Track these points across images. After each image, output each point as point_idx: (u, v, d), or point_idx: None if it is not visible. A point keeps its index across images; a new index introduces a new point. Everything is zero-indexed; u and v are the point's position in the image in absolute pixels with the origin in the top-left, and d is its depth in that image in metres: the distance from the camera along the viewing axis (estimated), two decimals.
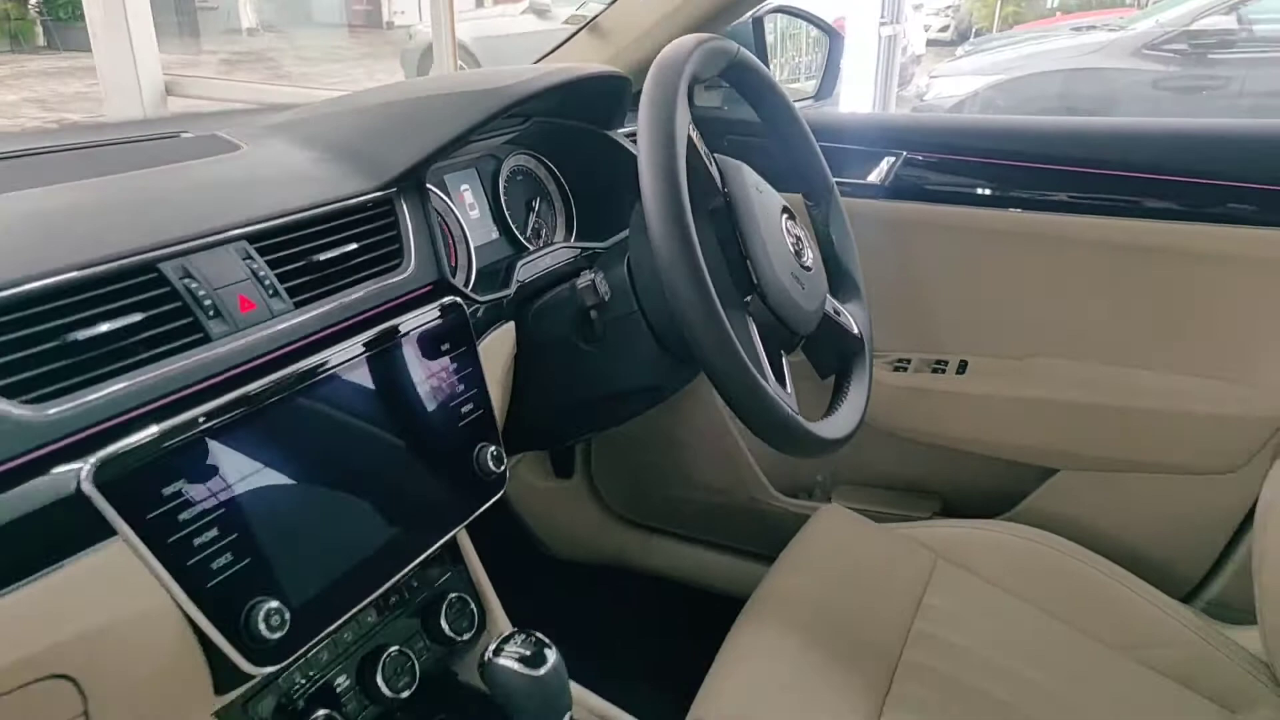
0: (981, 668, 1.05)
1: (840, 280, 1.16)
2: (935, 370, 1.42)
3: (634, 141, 1.27)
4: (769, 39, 1.53)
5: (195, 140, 0.98)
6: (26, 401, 0.59)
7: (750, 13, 1.39)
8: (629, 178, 1.21)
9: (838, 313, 1.11)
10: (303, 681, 0.80)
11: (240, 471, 0.67)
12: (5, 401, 0.58)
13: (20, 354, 0.61)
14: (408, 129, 0.98)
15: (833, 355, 1.12)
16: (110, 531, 0.60)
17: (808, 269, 1.01)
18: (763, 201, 0.99)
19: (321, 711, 0.78)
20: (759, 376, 0.86)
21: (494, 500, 0.88)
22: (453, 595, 0.93)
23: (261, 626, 0.65)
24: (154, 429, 0.64)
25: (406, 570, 0.80)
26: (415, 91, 1.05)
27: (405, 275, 0.90)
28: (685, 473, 1.66)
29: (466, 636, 0.92)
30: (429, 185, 0.99)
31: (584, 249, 1.21)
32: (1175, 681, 1.08)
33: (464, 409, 0.88)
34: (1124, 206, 1.26)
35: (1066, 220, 1.29)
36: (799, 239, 1.02)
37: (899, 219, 1.37)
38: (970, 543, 1.24)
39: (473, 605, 0.93)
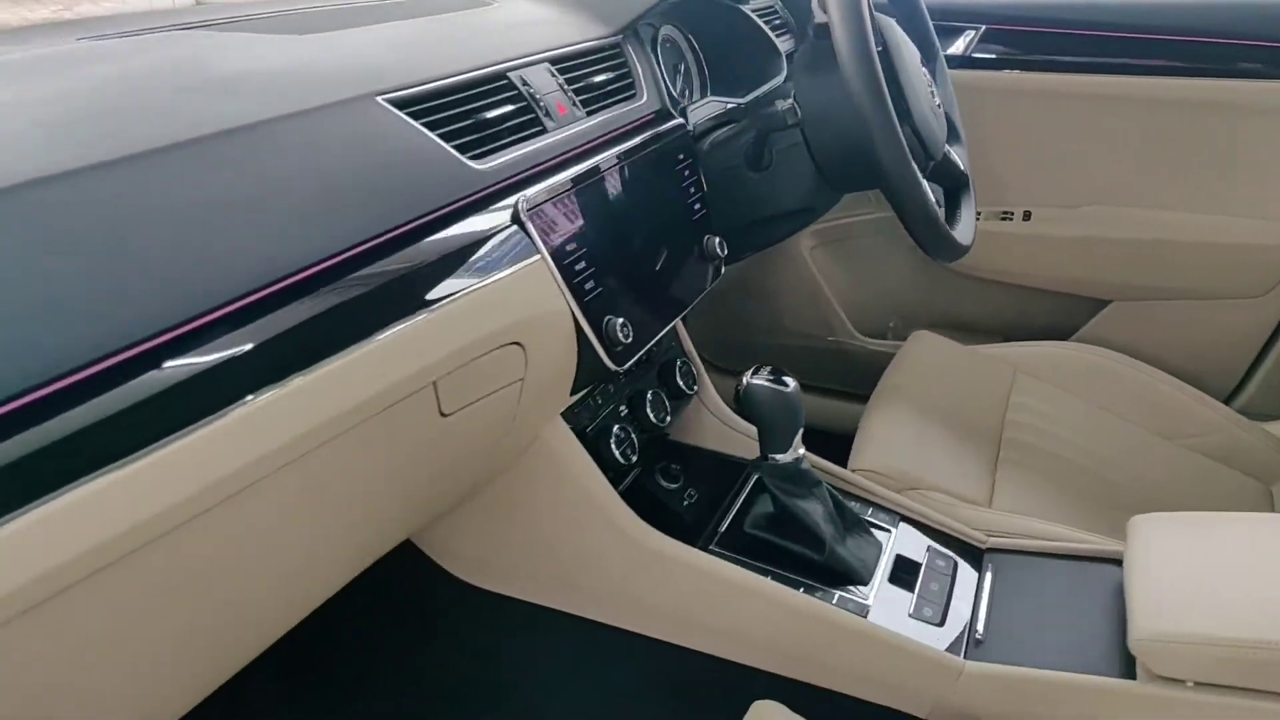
0: (1064, 443, 1.33)
1: (953, 129, 1.40)
2: (1003, 219, 1.68)
3: (761, 12, 1.49)
4: None
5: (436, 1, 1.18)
6: (473, 157, 0.82)
7: None
8: (755, 44, 1.44)
9: (950, 153, 1.36)
10: (598, 404, 1.05)
11: (588, 224, 0.91)
12: (462, 156, 0.81)
13: (461, 124, 0.83)
14: None
15: (945, 183, 1.37)
16: (533, 251, 0.83)
17: (937, 106, 1.26)
18: (910, 50, 1.23)
19: (616, 426, 1.03)
20: (925, 185, 1.12)
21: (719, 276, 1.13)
22: (680, 360, 1.18)
23: (619, 334, 0.90)
24: (543, 185, 0.87)
25: (685, 310, 1.05)
26: None
27: (642, 102, 1.13)
28: (774, 319, 1.91)
29: (695, 389, 1.18)
30: None
31: (725, 102, 1.43)
32: (1217, 461, 1.37)
33: (695, 206, 1.12)
34: (1169, 68, 1.51)
35: (1119, 81, 1.54)
36: (931, 83, 1.27)
37: (975, 86, 1.62)
38: (1042, 358, 1.51)
39: (691, 366, 1.19)
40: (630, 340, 0.91)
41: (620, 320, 0.90)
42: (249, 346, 0.58)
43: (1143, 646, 0.84)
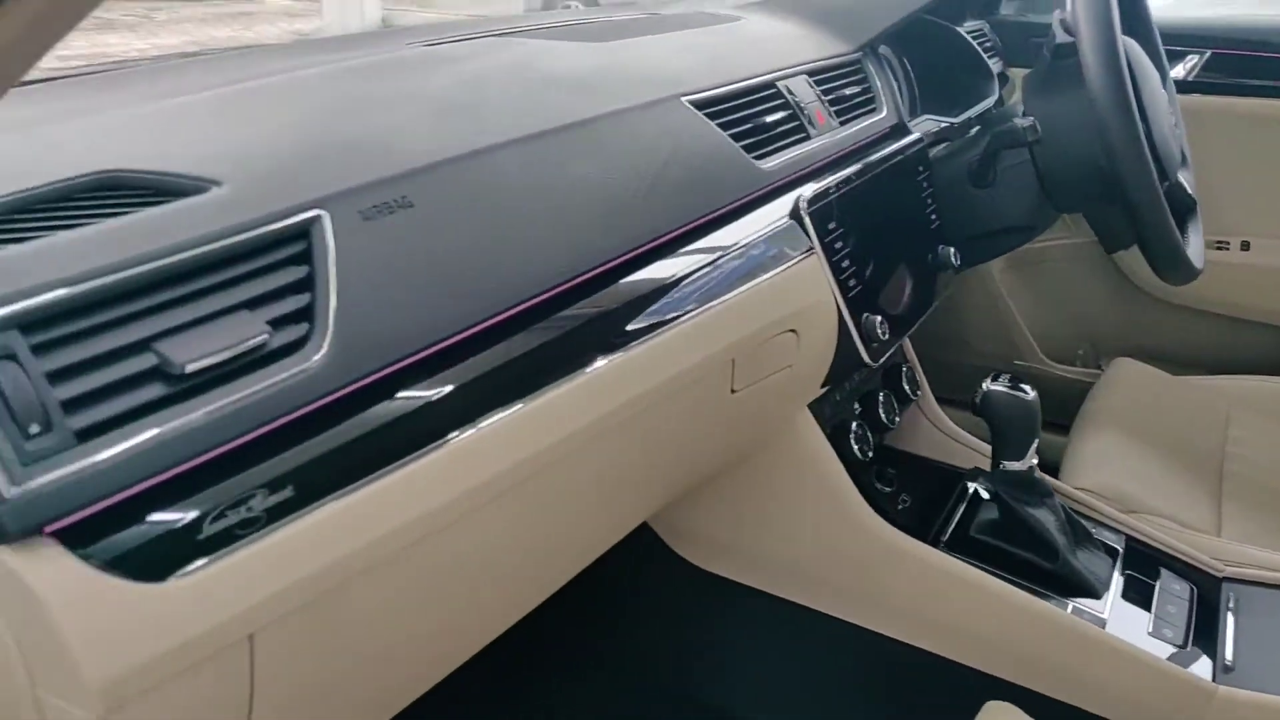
0: None
1: (1184, 154, 1.40)
2: (1218, 248, 1.65)
3: (971, 35, 1.51)
4: None
5: (690, 15, 1.26)
6: (756, 157, 0.88)
7: None
8: (968, 65, 1.46)
9: (1182, 178, 1.35)
10: (836, 401, 1.09)
11: (848, 225, 0.95)
12: (749, 157, 0.87)
13: (744, 127, 0.90)
14: (862, 12, 1.25)
15: (1175, 207, 1.36)
16: (808, 245, 0.89)
17: (1174, 127, 1.25)
18: (1152, 71, 1.24)
19: (854, 423, 1.07)
20: (1165, 203, 1.12)
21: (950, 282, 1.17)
22: (904, 365, 1.21)
23: (877, 330, 0.94)
24: (816, 185, 0.92)
25: (926, 314, 1.08)
26: None
27: (882, 116, 1.17)
28: (959, 339, 1.91)
29: (919, 393, 1.21)
30: None
31: (939, 120, 1.46)
32: None
33: (931, 216, 1.16)
34: None
35: None
36: (1170, 102, 1.27)
37: (1196, 110, 1.59)
38: (1263, 392, 1.47)
39: (915, 373, 1.22)
40: (886, 337, 0.95)
41: (879, 318, 0.95)
42: (592, 314, 0.65)
43: None
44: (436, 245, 0.58)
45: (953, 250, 1.16)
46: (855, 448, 1.05)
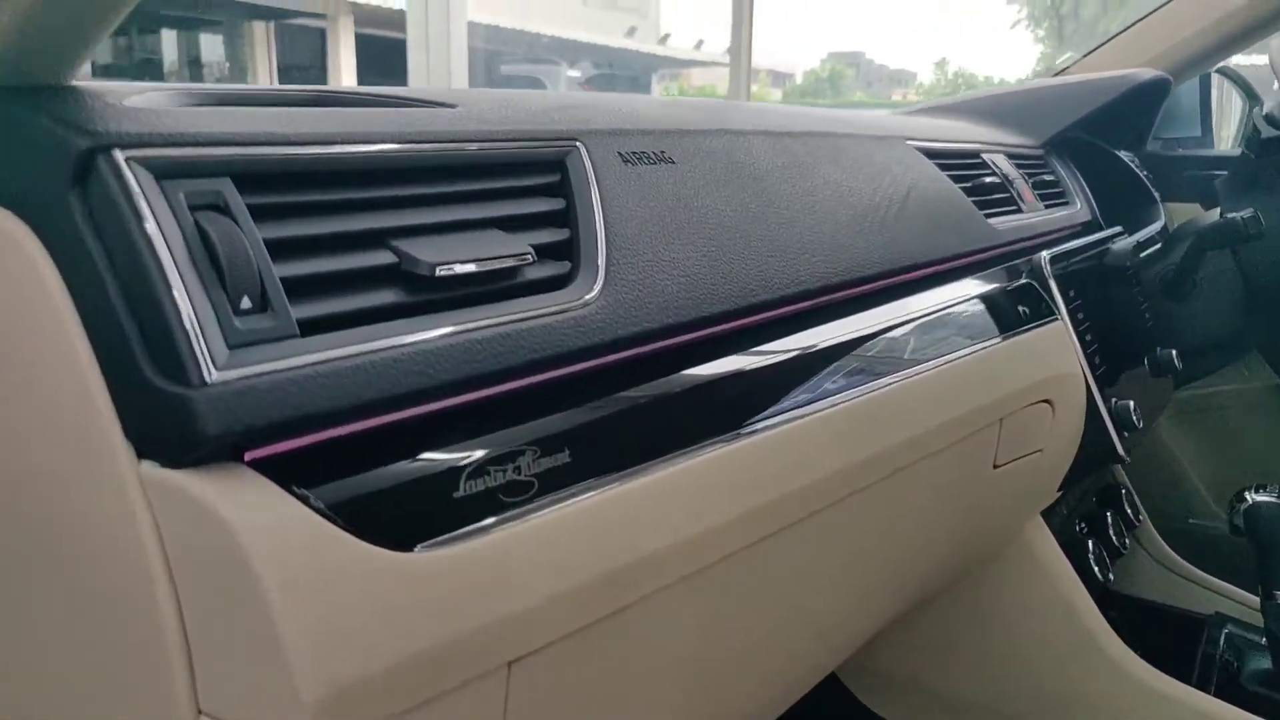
0: None
1: None
2: None
3: (1135, 163, 1.42)
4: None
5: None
6: (986, 216, 0.77)
7: None
8: (1131, 189, 1.36)
9: None
10: (1062, 515, 0.92)
11: (1080, 301, 0.82)
12: (980, 212, 0.76)
13: (966, 185, 0.79)
14: (1042, 110, 1.17)
15: None
16: (1053, 311, 0.75)
17: None
18: None
19: (1090, 540, 0.89)
20: None
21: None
22: (1123, 489, 1.04)
23: (1131, 416, 0.79)
24: (1048, 253, 0.80)
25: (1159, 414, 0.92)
26: (1029, 91, 1.24)
27: (1076, 209, 1.06)
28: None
29: (1140, 518, 1.03)
30: None
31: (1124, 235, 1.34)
32: None
33: (1146, 315, 1.02)
34: None
35: None
36: None
37: None
38: None
39: (1134, 497, 1.04)
40: (1140, 426, 0.79)
41: (1131, 403, 0.79)
42: (854, 331, 0.52)
43: None
44: (700, 205, 0.46)
45: (1174, 352, 1.01)
46: (1095, 568, 0.86)
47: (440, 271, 0.32)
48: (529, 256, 0.35)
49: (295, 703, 0.24)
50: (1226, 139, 1.80)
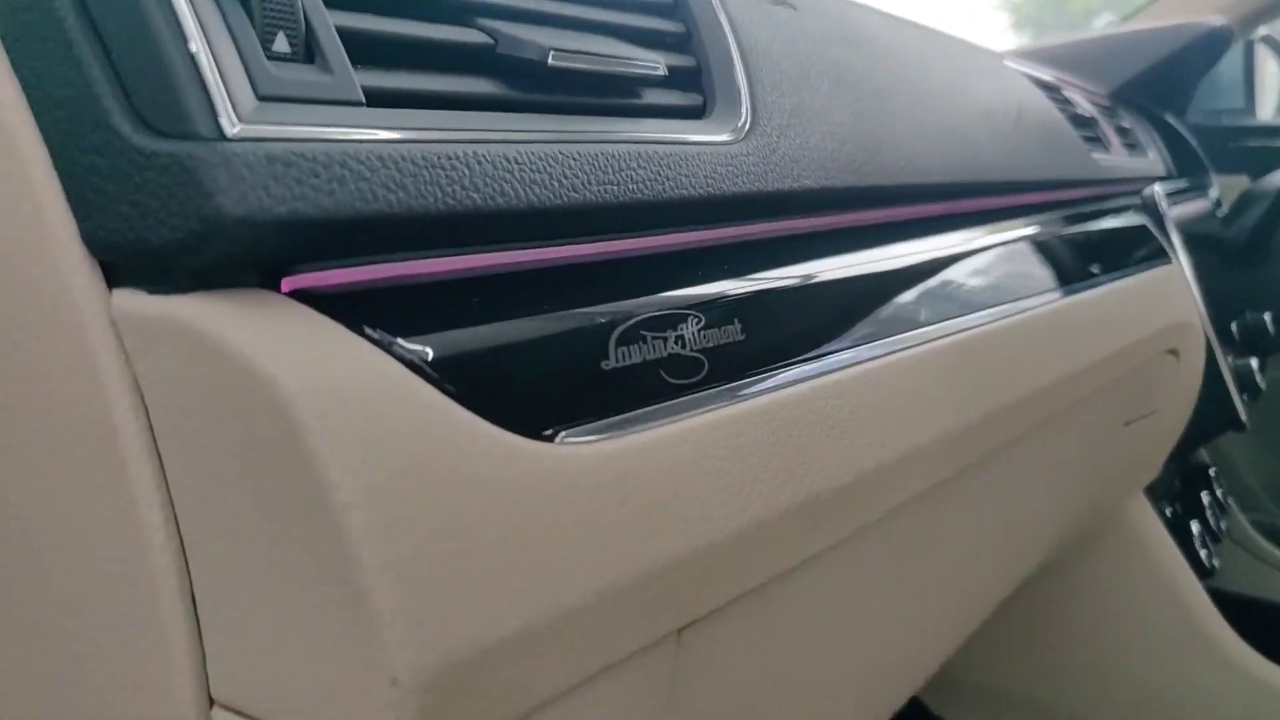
0: None
1: None
2: None
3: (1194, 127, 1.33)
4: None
5: None
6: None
7: None
8: (1182, 154, 1.27)
9: None
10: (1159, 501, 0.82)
11: (1191, 244, 0.73)
12: (1084, 143, 0.67)
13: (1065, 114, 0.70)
14: (1108, 59, 1.08)
15: None
16: (1168, 253, 0.66)
17: None
18: None
19: (1194, 522, 0.80)
20: None
21: None
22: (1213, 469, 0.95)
23: (1255, 375, 0.69)
24: (1159, 187, 0.71)
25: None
26: (1091, 40, 1.16)
27: (1151, 159, 0.97)
28: None
29: (1230, 500, 0.94)
30: None
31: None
32: None
33: (1238, 274, 0.93)
34: None
35: None
36: None
37: None
38: None
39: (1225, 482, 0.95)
40: (1263, 389, 0.70)
41: (1254, 362, 0.70)
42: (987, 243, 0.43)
43: None
44: (834, 58, 0.37)
45: (1268, 316, 0.92)
46: (1201, 553, 0.77)
47: (554, 61, 0.21)
48: (659, 67, 0.25)
49: (388, 686, 0.13)
50: (1269, 109, 1.71)
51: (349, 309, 0.16)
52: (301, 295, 0.16)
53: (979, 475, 0.43)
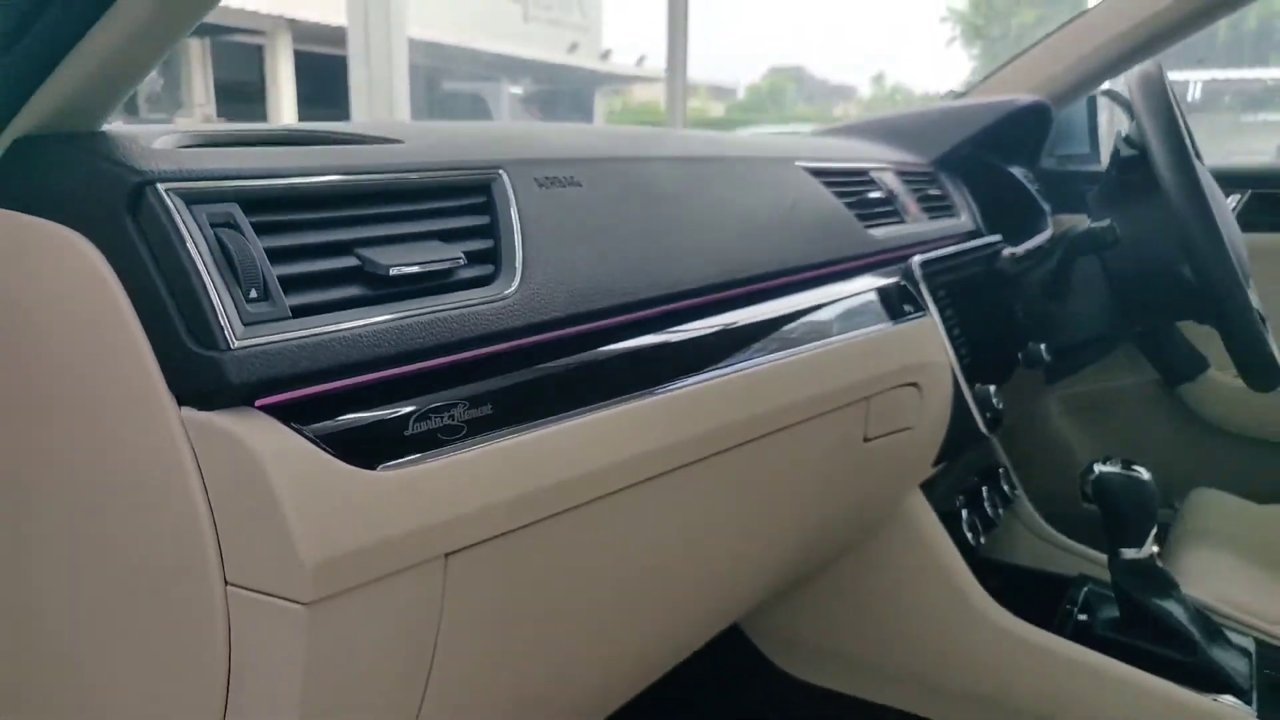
0: None
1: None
2: None
3: (1027, 180, 1.57)
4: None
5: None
6: (866, 226, 0.89)
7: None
8: (1021, 203, 1.51)
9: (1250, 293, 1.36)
10: (939, 492, 1.04)
11: (953, 301, 0.95)
12: (860, 224, 0.88)
13: (850, 199, 0.91)
14: (929, 128, 1.30)
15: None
16: (923, 308, 0.88)
17: (1240, 237, 1.28)
18: (1213, 183, 1.27)
19: (964, 510, 1.02)
20: (1253, 305, 1.12)
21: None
22: (1000, 467, 1.18)
23: (992, 399, 0.92)
24: (919, 258, 0.93)
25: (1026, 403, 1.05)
26: (922, 113, 1.38)
27: (961, 219, 1.20)
28: (1023, 485, 1.86)
29: (1016, 492, 1.17)
30: None
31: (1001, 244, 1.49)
32: None
33: (1020, 312, 1.16)
34: None
35: None
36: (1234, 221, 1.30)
37: (1251, 247, 1.63)
38: None
39: (1010, 474, 1.18)
40: (1000, 408, 0.92)
41: (992, 388, 0.92)
42: (739, 321, 0.64)
43: None
44: (602, 221, 0.58)
45: (1043, 346, 1.15)
46: (968, 533, 0.99)
47: (393, 272, 0.43)
48: (460, 260, 0.46)
49: (299, 568, 0.34)
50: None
51: (285, 412, 0.37)
52: (265, 406, 0.37)
53: (743, 460, 0.63)
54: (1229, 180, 1.64)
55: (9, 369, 0.40)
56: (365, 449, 0.38)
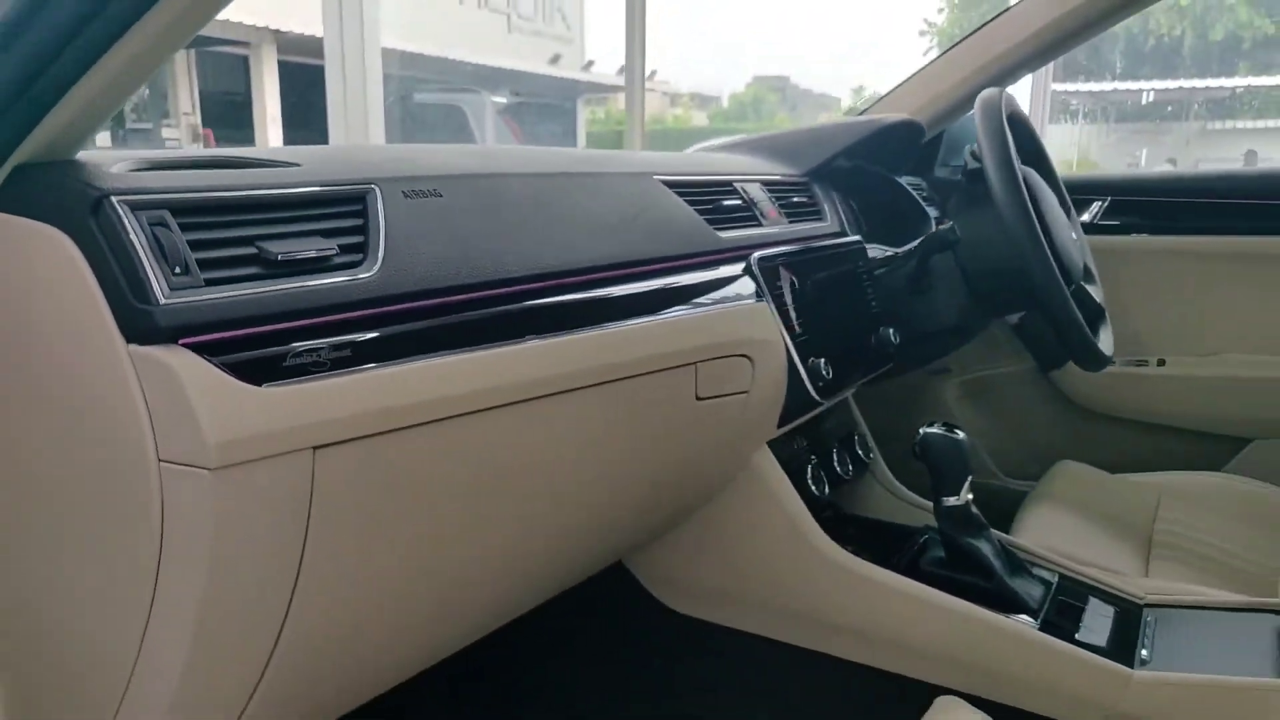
0: (1215, 548, 1.41)
1: (1088, 269, 1.62)
2: (1139, 365, 1.84)
3: (910, 186, 1.77)
4: None
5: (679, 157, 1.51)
6: (717, 228, 1.09)
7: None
8: (907, 208, 1.71)
9: (1086, 288, 1.57)
10: (793, 449, 1.24)
11: (794, 289, 1.15)
12: (709, 226, 1.08)
13: (705, 206, 1.11)
14: (807, 144, 1.51)
15: (1084, 312, 1.56)
16: (759, 295, 1.08)
17: (1074, 239, 1.48)
18: (1049, 193, 1.48)
19: (809, 466, 1.22)
20: (1070, 297, 1.32)
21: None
22: (856, 434, 1.37)
23: (821, 370, 1.11)
24: (766, 252, 1.12)
25: (871, 375, 1.25)
26: (802, 131, 1.58)
27: (825, 224, 1.39)
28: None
29: (871, 456, 1.36)
30: None
31: (884, 249, 1.69)
32: None
33: (871, 303, 1.35)
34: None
35: (1234, 240, 1.74)
36: (1069, 222, 1.50)
37: (1106, 249, 1.83)
38: (1190, 484, 1.62)
39: (866, 439, 1.38)
40: (830, 378, 1.12)
41: (822, 360, 1.12)
42: (579, 298, 0.83)
43: None
44: (457, 223, 0.77)
45: (891, 330, 1.35)
46: (812, 486, 1.19)
47: (280, 257, 0.62)
48: (334, 250, 0.65)
49: (204, 445, 0.53)
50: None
51: (199, 348, 0.56)
52: (186, 344, 0.56)
53: (582, 404, 0.82)
54: (1091, 189, 1.86)
55: (5, 318, 0.59)
56: (253, 373, 0.57)
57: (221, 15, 0.58)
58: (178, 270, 0.56)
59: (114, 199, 0.56)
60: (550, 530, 0.91)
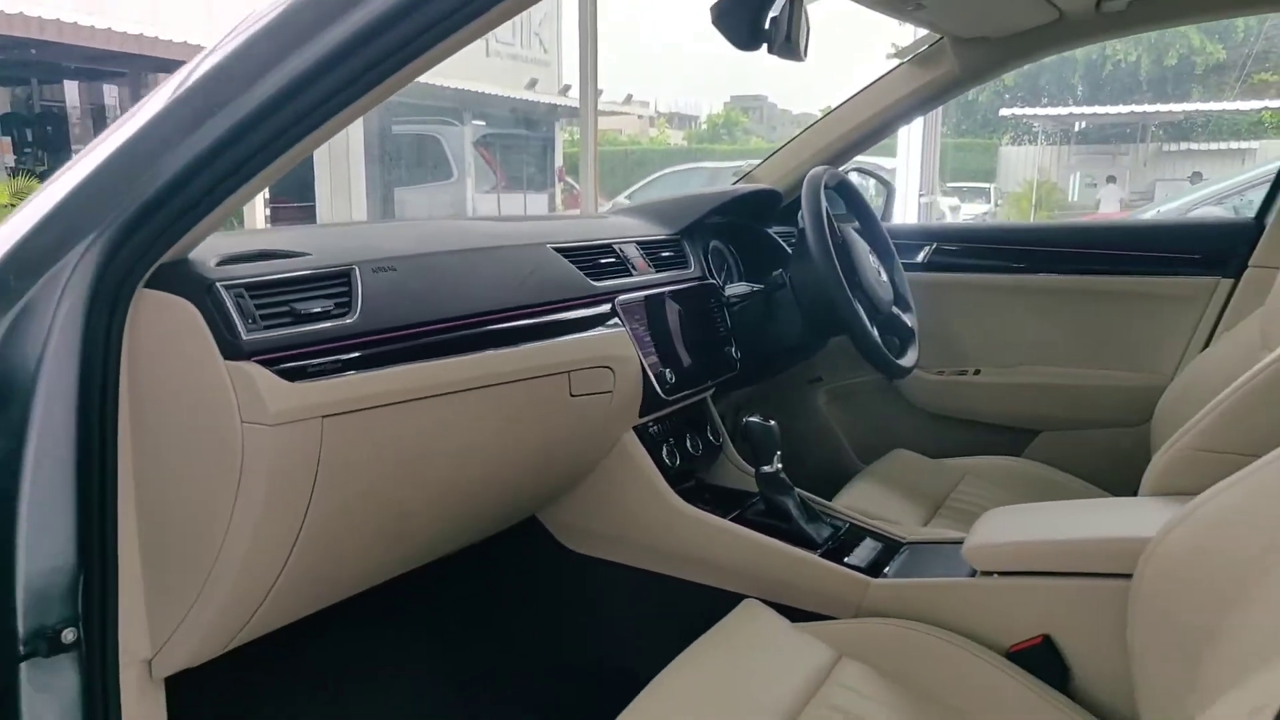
0: (987, 508, 1.92)
1: (901, 300, 2.13)
2: (960, 374, 2.36)
3: (781, 235, 2.29)
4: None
5: (584, 216, 2.01)
6: (593, 279, 1.59)
7: (857, 155, 2.41)
8: (775, 252, 2.22)
9: (899, 315, 2.08)
10: (655, 432, 1.73)
11: (650, 321, 1.65)
12: (586, 278, 1.58)
13: (586, 265, 1.61)
14: (682, 209, 2.01)
15: (897, 334, 2.07)
16: (620, 326, 1.58)
17: (881, 279, 1.99)
18: (860, 245, 1.99)
19: (664, 447, 1.72)
20: (869, 324, 1.83)
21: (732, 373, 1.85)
22: (709, 424, 1.88)
23: (666, 377, 1.61)
24: (629, 295, 1.63)
25: (713, 386, 1.76)
26: (682, 198, 2.09)
27: (689, 271, 1.90)
28: (799, 455, 2.56)
29: (721, 440, 1.87)
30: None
31: (752, 285, 2.20)
32: None
33: (720, 329, 1.86)
34: (1065, 268, 2.23)
35: (1033, 278, 2.26)
36: (878, 266, 2.01)
37: (935, 283, 2.35)
38: (988, 465, 2.13)
39: (717, 427, 1.88)
40: (674, 383, 1.62)
41: (668, 371, 1.62)
42: (489, 330, 1.33)
43: (970, 553, 1.43)
44: (409, 286, 1.26)
45: (734, 350, 1.85)
46: (667, 459, 1.69)
47: (303, 311, 1.11)
48: (331, 306, 1.15)
49: (266, 410, 1.03)
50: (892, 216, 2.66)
51: (267, 364, 1.06)
52: (256, 361, 1.05)
53: (495, 398, 1.32)
54: (923, 236, 2.38)
55: (159, 348, 1.07)
56: (290, 376, 1.06)
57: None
58: (250, 321, 1.06)
59: (217, 284, 1.05)
60: (474, 486, 1.41)
